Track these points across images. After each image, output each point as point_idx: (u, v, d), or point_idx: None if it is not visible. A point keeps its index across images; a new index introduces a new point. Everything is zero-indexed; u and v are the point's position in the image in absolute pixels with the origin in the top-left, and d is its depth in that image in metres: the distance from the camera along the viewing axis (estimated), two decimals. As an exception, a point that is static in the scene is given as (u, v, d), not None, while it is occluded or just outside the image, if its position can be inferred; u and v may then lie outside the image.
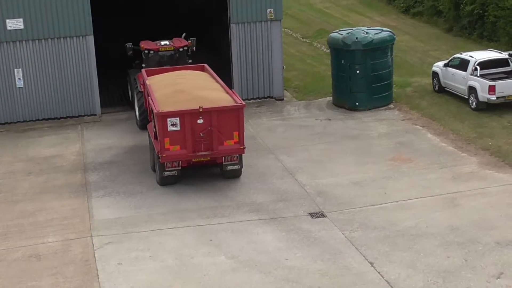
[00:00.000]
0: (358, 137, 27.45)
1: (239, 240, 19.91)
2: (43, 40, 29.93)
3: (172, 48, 28.96)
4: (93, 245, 20.01)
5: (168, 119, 22.17)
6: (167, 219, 21.34)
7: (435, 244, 19.24)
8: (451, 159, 24.89)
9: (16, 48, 29.82)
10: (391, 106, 30.86)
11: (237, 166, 23.22)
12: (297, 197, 22.50)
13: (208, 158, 22.85)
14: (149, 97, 24.02)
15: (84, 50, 30.25)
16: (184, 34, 30.16)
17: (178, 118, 22.17)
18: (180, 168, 22.81)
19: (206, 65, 27.14)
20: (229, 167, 23.15)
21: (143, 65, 28.66)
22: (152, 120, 23.69)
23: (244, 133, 22.92)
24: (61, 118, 30.72)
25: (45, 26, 29.75)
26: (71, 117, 30.77)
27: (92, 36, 30.13)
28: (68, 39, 30.07)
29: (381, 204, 21.80)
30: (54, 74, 30.31)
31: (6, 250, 19.97)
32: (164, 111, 22.24)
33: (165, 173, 22.82)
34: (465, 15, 41.82)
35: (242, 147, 22.78)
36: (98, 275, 18.43)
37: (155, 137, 23.18)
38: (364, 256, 18.80)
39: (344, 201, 22.10)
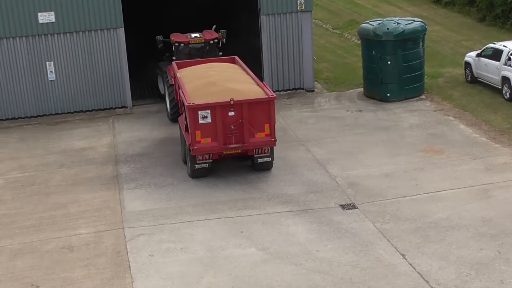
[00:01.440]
0: (390, 128, 27.31)
1: (270, 231, 19.93)
2: (74, 33, 30.14)
3: (202, 41, 28.96)
4: (124, 236, 20.15)
5: (199, 112, 22.20)
6: (198, 211, 21.42)
7: (468, 236, 19.11)
8: (484, 150, 24.67)
9: (48, 41, 30.07)
10: (423, 97, 30.65)
11: (268, 158, 23.20)
12: (328, 188, 22.46)
13: (239, 151, 22.84)
14: (180, 90, 24.10)
15: (115, 42, 30.41)
16: (214, 27, 30.14)
17: (209, 111, 22.21)
18: (211, 160, 22.85)
19: (236, 57, 27.11)
20: (260, 160, 23.15)
21: (174, 57, 28.77)
22: (183, 113, 23.75)
23: (275, 125, 22.91)
24: (92, 110, 30.95)
25: (76, 19, 29.95)
26: (102, 110, 30.99)
27: (123, 28, 30.26)
28: (99, 31, 30.25)
29: (413, 195, 21.68)
30: (85, 66, 30.53)
31: (39, 241, 20.19)
32: (195, 103, 22.26)
33: (197, 165, 22.86)
34: (498, 4, 41.33)
35: (273, 139, 22.73)
36: (129, 267, 18.56)
37: (186, 129, 23.26)
38: (395, 248, 18.72)
39: (375, 192, 22.01)
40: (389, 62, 29.89)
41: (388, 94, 30.21)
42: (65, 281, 18.16)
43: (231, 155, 23.10)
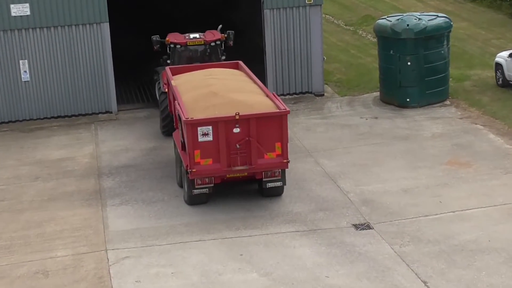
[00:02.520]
0: (409, 138, 27.33)
1: (273, 254, 19.89)
2: (52, 28, 30.22)
3: (202, 42, 28.32)
4: (108, 260, 20.09)
5: (199, 128, 21.39)
6: (191, 230, 21.40)
7: (499, 261, 19.06)
8: (517, 164, 24.73)
9: (22, 37, 30.14)
10: (447, 102, 30.70)
11: (279, 183, 22.44)
12: (339, 206, 22.45)
13: (245, 174, 22.14)
14: (176, 101, 23.31)
15: (98, 39, 30.49)
16: (220, 26, 29.28)
17: (210, 127, 21.40)
18: (212, 185, 22.09)
19: (240, 62, 26.46)
20: (269, 184, 22.35)
21: (168, 61, 28.28)
22: (180, 128, 23.03)
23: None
24: (72, 116, 31.02)
25: (54, 12, 30.03)
26: (83, 115, 31.07)
27: (108, 23, 30.36)
28: (80, 26, 30.33)
29: (436, 214, 21.66)
30: (65, 66, 30.61)
31: (9, 265, 20.11)
32: (194, 118, 21.44)
33: (195, 191, 22.10)
34: (533, -3, 41.52)
35: (285, 160, 21.95)
36: (113, 294, 18.54)
37: (183, 148, 22.59)
38: (416, 274, 18.68)
39: (393, 211, 22.00)
40: (409, 63, 29.95)
41: (408, 99, 30.25)
42: (40, 310, 18.21)
43: (236, 178, 22.39)
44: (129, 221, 22.14)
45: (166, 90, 26.54)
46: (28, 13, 29.86)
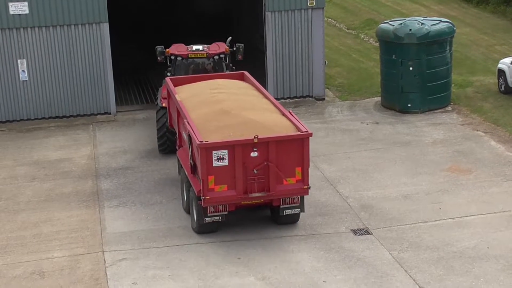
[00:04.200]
0: (410, 143, 27.49)
1: (271, 259, 20.04)
2: (51, 27, 30.33)
3: (205, 55, 27.09)
4: (104, 261, 20.24)
5: (214, 152, 20.00)
6: (189, 233, 21.52)
7: (498, 268, 19.22)
8: (518, 171, 24.91)
9: (20, 36, 30.24)
10: (449, 108, 30.85)
11: (297, 210, 21.16)
12: (338, 211, 22.60)
13: (262, 200, 20.95)
14: (179, 117, 22.41)
15: (97, 39, 30.59)
16: (230, 38, 28.30)
17: (226, 151, 20.02)
18: (226, 212, 20.70)
19: (246, 73, 25.35)
20: (287, 211, 21.06)
21: (168, 74, 27.12)
22: (189, 149, 21.35)
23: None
24: (70, 116, 31.16)
25: (53, 11, 30.14)
26: (81, 116, 31.21)
27: (107, 23, 30.43)
28: (79, 26, 30.44)
29: (435, 220, 21.82)
30: (63, 66, 30.72)
31: (5, 265, 20.26)
32: (210, 142, 19.98)
33: (207, 219, 20.69)
34: (538, 3, 41.67)
35: (306, 186, 20.69)
36: (109, 296, 18.71)
37: (193, 171, 21.25)
38: (414, 280, 18.84)
39: (392, 216, 22.16)
40: (411, 68, 30.09)
41: (409, 105, 30.40)
42: (35, 311, 18.37)
43: (251, 205, 21.15)
44: (127, 223, 22.28)
45: (164, 104, 25.69)
46: (27, 11, 29.94)
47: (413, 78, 30.19)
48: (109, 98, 31.15)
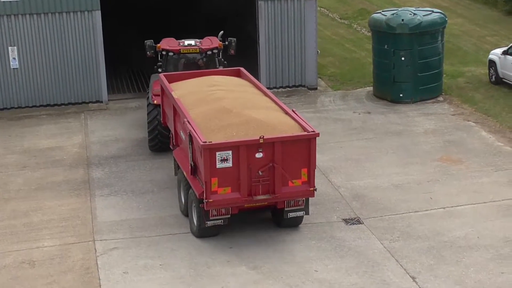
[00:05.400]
0: (402, 133, 27.49)
1: (263, 248, 20.03)
2: (42, 15, 30.19)
3: (198, 50, 26.29)
4: (95, 250, 20.18)
5: (218, 153, 19.26)
6: (180, 222, 21.48)
7: (487, 257, 19.25)
8: (508, 161, 24.86)
9: (11, 23, 30.07)
10: (440, 98, 30.87)
11: (301, 212, 20.46)
12: (330, 200, 22.59)
13: (266, 203, 20.28)
14: (176, 114, 21.88)
15: (89, 27, 30.46)
16: (221, 33, 27.37)
17: (230, 152, 19.25)
18: (229, 216, 19.98)
19: (242, 69, 24.72)
20: (291, 214, 20.37)
21: (159, 70, 26.42)
22: (189, 149, 20.41)
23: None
24: (61, 104, 31.07)
25: (45, -1, 30.06)
26: (73, 104, 31.09)
27: (99, 11, 30.31)
28: (71, 14, 30.31)
29: (426, 210, 21.83)
30: (55, 54, 30.60)
31: (-4, 254, 20.25)
32: (213, 142, 19.20)
33: (209, 222, 19.96)
34: (529, -6, 41.66)
35: (312, 188, 19.99)
36: (100, 286, 18.57)
37: (193, 173, 20.51)
38: (405, 270, 18.85)
39: (383, 206, 22.16)
40: (403, 58, 30.08)
41: (401, 95, 30.40)
42: (26, 300, 18.30)
43: (255, 207, 20.46)
44: (118, 212, 22.22)
45: (156, 102, 24.94)
46: (18, -2, 29.87)
47: (405, 68, 30.19)
48: (101, 87, 31.05)
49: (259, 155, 19.44)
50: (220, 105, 20.78)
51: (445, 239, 20.20)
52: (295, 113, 20.86)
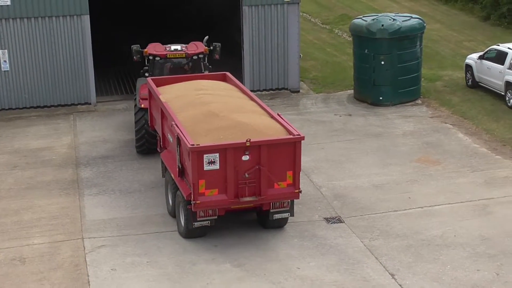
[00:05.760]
0: (381, 135, 27.64)
1: (247, 246, 20.11)
2: (32, 19, 30.15)
3: (184, 55, 26.23)
4: (84, 248, 20.21)
5: (205, 156, 19.23)
6: (167, 221, 21.53)
7: (464, 255, 19.41)
8: (484, 162, 25.05)
9: (2, 27, 30.04)
10: (419, 101, 31.03)
11: (286, 214, 20.52)
12: (312, 200, 22.70)
13: (252, 204, 20.28)
14: (164, 118, 21.81)
15: (78, 31, 30.45)
16: (206, 38, 27.48)
17: (217, 154, 19.24)
18: (215, 217, 20.02)
19: (228, 74, 24.71)
20: (277, 216, 20.39)
21: (146, 74, 26.35)
22: (177, 152, 20.39)
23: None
24: (51, 106, 31.02)
25: (35, 3, 29.95)
26: (62, 106, 31.06)
27: (88, 15, 30.30)
28: (60, 18, 30.28)
29: (405, 210, 21.97)
30: (44, 57, 30.55)
31: (-13, 251, 20.22)
32: (201, 145, 19.17)
33: (196, 223, 19.99)
34: (504, 1, 41.86)
35: (297, 190, 20.05)
36: (89, 282, 18.62)
37: (181, 175, 20.52)
38: (384, 267, 18.98)
39: (363, 205, 22.28)
40: (382, 62, 30.23)
41: (381, 98, 30.55)
42: (16, 296, 18.28)
43: (241, 209, 20.48)
44: (106, 210, 22.25)
45: (143, 106, 24.79)
46: (9, 3, 29.73)
47: (385, 72, 30.33)
48: (90, 89, 31.04)
49: (245, 157, 19.43)
50: (207, 109, 20.79)
51: (423, 237, 20.34)
52: (280, 117, 20.83)
